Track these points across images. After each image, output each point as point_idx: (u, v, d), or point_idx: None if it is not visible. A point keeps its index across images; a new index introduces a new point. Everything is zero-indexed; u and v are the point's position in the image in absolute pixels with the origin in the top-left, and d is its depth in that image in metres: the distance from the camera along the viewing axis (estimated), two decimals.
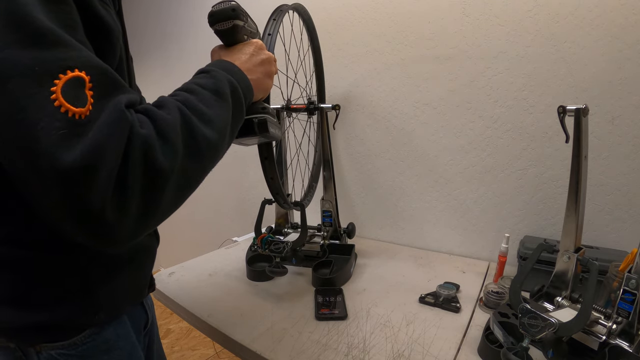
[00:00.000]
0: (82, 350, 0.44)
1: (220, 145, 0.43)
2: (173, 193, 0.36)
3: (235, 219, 1.91)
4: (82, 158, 0.28)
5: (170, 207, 0.37)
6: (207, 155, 0.40)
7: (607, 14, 0.83)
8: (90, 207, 0.29)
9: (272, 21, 0.78)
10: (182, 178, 0.37)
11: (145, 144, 0.32)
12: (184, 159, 0.36)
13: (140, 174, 0.31)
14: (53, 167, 0.27)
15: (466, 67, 1.04)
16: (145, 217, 0.34)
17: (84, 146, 0.28)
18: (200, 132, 0.38)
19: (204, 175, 0.42)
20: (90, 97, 0.30)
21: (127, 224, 0.32)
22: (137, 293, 0.53)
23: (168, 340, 1.89)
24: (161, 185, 0.34)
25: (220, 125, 0.41)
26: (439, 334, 0.70)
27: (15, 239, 0.39)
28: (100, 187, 0.29)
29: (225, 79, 0.45)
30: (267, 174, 0.75)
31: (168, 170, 0.34)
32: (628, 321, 0.55)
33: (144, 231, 0.35)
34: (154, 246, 0.56)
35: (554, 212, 0.97)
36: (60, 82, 0.28)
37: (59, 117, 0.28)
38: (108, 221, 0.30)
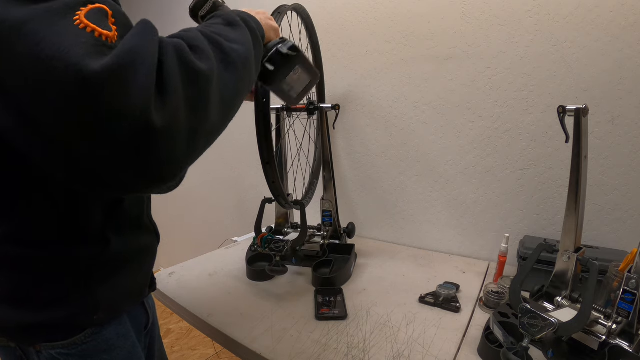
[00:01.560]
0: (82, 349, 0.44)
1: (250, 59, 0.41)
2: (218, 102, 0.35)
3: (235, 219, 1.91)
4: (116, 60, 0.26)
5: (219, 121, 0.36)
6: (240, 66, 0.39)
7: (607, 14, 0.83)
8: (133, 111, 0.26)
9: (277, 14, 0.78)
10: (223, 87, 0.36)
11: (177, 49, 0.31)
12: (219, 67, 0.35)
13: (179, 75, 0.30)
14: (81, 74, 0.25)
15: (466, 67, 1.04)
16: (196, 126, 0.32)
17: (116, 52, 0.26)
18: (227, 45, 0.38)
19: (243, 90, 0.41)
20: (115, 30, 0.29)
21: (179, 133, 0.29)
22: (138, 292, 0.53)
23: (168, 340, 1.89)
24: (204, 87, 0.32)
25: (243, 42, 0.41)
26: (439, 334, 0.70)
27: (15, 238, 0.39)
28: (141, 85, 0.26)
29: (232, 13, 0.45)
30: (268, 178, 0.76)
31: (207, 71, 0.33)
32: (628, 321, 0.55)
33: (197, 147, 0.33)
34: (155, 245, 0.56)
35: (554, 212, 0.97)
36: (83, 12, 0.27)
37: (85, 35, 0.26)
38: (156, 125, 0.27)
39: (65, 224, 0.41)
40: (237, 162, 1.76)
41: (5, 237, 0.39)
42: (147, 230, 0.54)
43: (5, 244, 0.39)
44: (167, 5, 1.98)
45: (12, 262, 0.40)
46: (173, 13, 1.95)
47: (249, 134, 1.55)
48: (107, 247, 0.44)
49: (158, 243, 0.57)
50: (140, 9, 2.18)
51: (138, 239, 0.50)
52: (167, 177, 0.31)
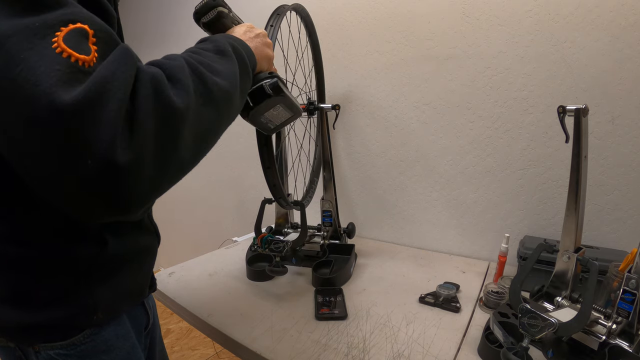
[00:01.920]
0: (81, 350, 0.43)
1: (233, 95, 0.41)
2: (191, 139, 0.34)
3: (235, 219, 1.91)
4: (86, 93, 0.26)
5: (189, 157, 0.35)
6: (221, 102, 0.38)
7: (607, 14, 0.83)
8: (98, 147, 0.26)
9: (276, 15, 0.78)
10: (199, 123, 0.34)
11: (154, 81, 0.30)
12: (197, 102, 0.34)
13: (151, 110, 0.29)
14: (51, 105, 0.25)
15: (466, 67, 1.04)
16: (162, 161, 0.31)
17: (88, 83, 0.26)
18: (210, 79, 0.36)
19: (221, 126, 0.40)
20: (94, 52, 0.28)
21: (143, 171, 0.29)
22: (137, 293, 0.53)
23: (168, 340, 1.89)
24: (176, 125, 0.31)
25: (228, 75, 0.40)
26: (439, 334, 0.70)
27: (14, 238, 0.39)
28: (108, 120, 0.26)
29: (224, 40, 0.44)
30: (269, 181, 0.76)
31: (182, 108, 0.31)
32: (628, 321, 0.55)
33: (162, 183, 0.32)
34: (155, 246, 0.56)
35: (554, 212, 0.97)
36: (62, 33, 0.27)
37: (61, 61, 0.26)
38: (119, 163, 0.26)
39: (63, 224, 0.41)
40: (237, 162, 1.76)
41: (4, 237, 0.39)
42: (148, 231, 0.53)
43: (4, 244, 0.39)
44: (166, 5, 1.98)
45: (11, 262, 0.39)
46: (172, 12, 1.95)
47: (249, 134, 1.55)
48: (106, 247, 0.44)
49: (158, 244, 0.57)
50: (140, 9, 2.17)
51: (138, 239, 0.50)
52: (131, 212, 0.31)
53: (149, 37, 2.16)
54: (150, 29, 2.15)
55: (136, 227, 0.50)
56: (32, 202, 0.38)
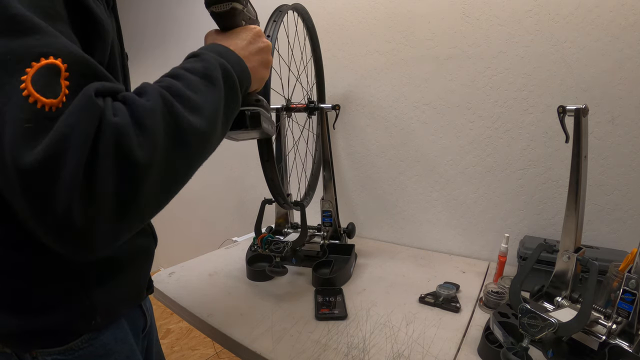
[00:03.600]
0: (80, 355, 0.43)
1: (210, 135, 0.38)
2: (155, 189, 0.32)
3: (235, 219, 1.91)
4: (44, 155, 0.26)
5: (153, 205, 0.34)
6: (195, 146, 0.36)
7: (607, 14, 0.83)
8: (56, 208, 0.26)
9: (273, 22, 0.78)
10: (165, 172, 0.33)
11: (117, 134, 0.28)
12: (167, 150, 0.32)
13: (111, 168, 0.28)
14: (15, 164, 0.25)
15: (466, 67, 1.04)
16: (123, 217, 0.30)
17: (47, 141, 0.26)
18: (185, 120, 0.34)
19: (191, 169, 0.38)
20: (65, 88, 0.28)
21: (101, 227, 0.29)
22: (135, 296, 0.52)
23: (168, 340, 1.89)
24: (138, 180, 0.30)
25: (209, 113, 0.37)
26: (439, 334, 0.70)
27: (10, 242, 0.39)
28: (65, 185, 0.26)
29: (216, 62, 0.40)
30: (267, 175, 0.75)
31: (145, 162, 0.30)
32: (628, 321, 0.55)
33: (123, 233, 0.32)
34: (152, 248, 0.55)
35: (554, 212, 0.97)
36: (32, 70, 0.26)
37: (27, 108, 0.26)
38: (76, 223, 0.27)
39: None
40: (237, 162, 1.76)
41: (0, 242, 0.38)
42: (145, 233, 0.53)
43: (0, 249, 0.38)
44: (166, 5, 1.98)
45: (7, 266, 0.39)
46: (172, 12, 1.95)
47: None
48: None
49: (155, 245, 0.56)
50: (139, 9, 2.17)
51: (135, 241, 0.50)
52: (94, 256, 0.31)
53: (149, 37, 2.16)
54: (150, 29, 2.15)
55: None
56: None
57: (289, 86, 1.02)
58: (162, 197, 0.35)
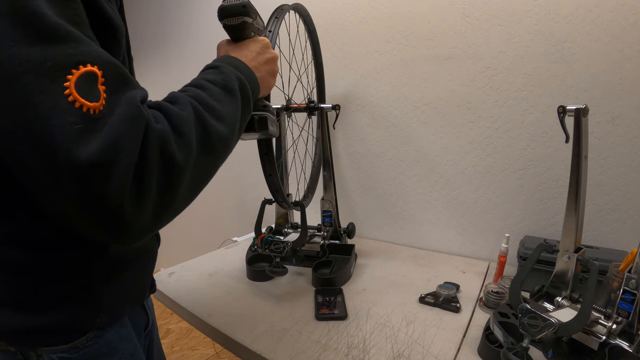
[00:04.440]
0: (84, 353, 0.43)
1: (231, 140, 0.43)
2: (187, 188, 0.36)
3: (235, 219, 1.91)
4: (100, 153, 0.28)
5: (184, 202, 0.38)
6: (219, 150, 0.41)
7: (607, 14, 0.83)
8: (108, 203, 0.29)
9: (274, 19, 0.78)
10: (196, 173, 0.37)
11: (161, 139, 0.32)
12: (198, 154, 0.36)
13: (157, 169, 0.32)
14: (69, 162, 0.27)
15: (466, 67, 1.04)
16: (160, 212, 0.34)
17: (101, 141, 0.28)
18: (213, 128, 0.39)
19: (215, 170, 0.42)
20: (103, 92, 0.30)
21: (143, 220, 0.32)
22: (139, 295, 0.53)
23: (168, 340, 1.89)
24: (177, 180, 0.34)
25: (230, 121, 0.42)
26: (439, 334, 0.70)
27: (16, 240, 0.39)
28: (119, 182, 0.29)
29: (233, 75, 0.45)
30: (266, 170, 0.75)
31: (184, 165, 0.34)
32: (628, 321, 0.55)
33: (157, 227, 0.36)
34: (155, 248, 0.55)
35: (554, 212, 0.97)
36: (74, 77, 0.28)
37: (74, 112, 0.28)
38: (125, 217, 0.30)
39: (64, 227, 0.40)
40: (237, 162, 1.76)
41: (5, 240, 0.39)
42: None
43: (5, 247, 0.39)
44: (167, 5, 1.98)
45: (11, 264, 0.39)
46: (172, 13, 1.95)
47: None
48: (108, 249, 0.44)
49: (159, 245, 0.57)
50: (141, 10, 2.18)
51: None
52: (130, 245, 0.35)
53: (149, 37, 2.16)
54: (149, 30, 2.15)
55: None
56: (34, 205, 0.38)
57: (289, 86, 1.02)
58: (191, 195, 0.39)
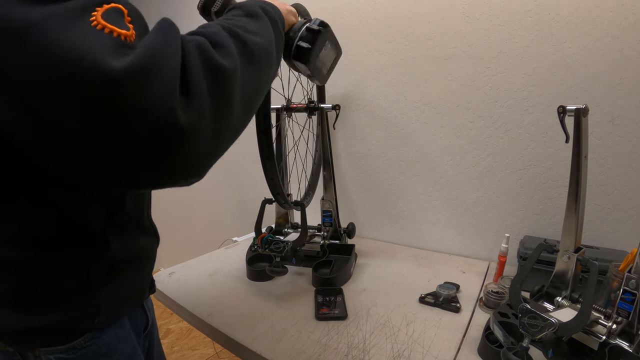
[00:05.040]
0: (82, 354, 0.43)
1: (271, 52, 0.42)
2: (241, 98, 0.35)
3: (235, 219, 1.91)
4: (139, 60, 0.25)
5: (241, 118, 0.36)
6: (262, 59, 0.39)
7: (607, 14, 0.83)
8: (156, 110, 0.26)
9: None
10: (246, 83, 0.36)
11: (199, 47, 0.31)
12: (242, 63, 0.35)
13: (203, 74, 0.30)
14: (103, 74, 0.24)
15: (466, 67, 1.04)
16: (220, 125, 0.32)
17: (138, 51, 0.26)
18: (249, 39, 0.37)
19: (264, 84, 0.41)
20: (132, 29, 0.28)
21: (203, 133, 0.29)
22: (138, 295, 0.53)
23: (168, 340, 1.89)
24: (228, 85, 0.32)
25: (264, 34, 0.41)
26: (439, 334, 0.70)
27: (15, 240, 0.39)
28: (164, 85, 0.26)
29: (253, 4, 0.45)
30: (267, 173, 0.75)
31: (230, 69, 0.32)
32: (628, 321, 0.55)
33: (220, 146, 0.33)
34: (154, 247, 0.55)
35: (554, 212, 0.97)
36: (101, 10, 0.27)
37: (104, 35, 0.26)
38: (181, 125, 0.27)
39: (64, 226, 0.40)
40: (237, 162, 1.76)
41: (4, 240, 0.38)
42: (147, 232, 0.53)
43: (4, 246, 0.38)
44: (166, 5, 1.98)
45: (10, 264, 0.39)
46: (173, 7, 1.95)
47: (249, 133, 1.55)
48: (107, 249, 0.43)
49: (158, 245, 0.57)
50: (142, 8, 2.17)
51: (138, 240, 0.50)
52: (190, 176, 0.31)
53: None
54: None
55: (136, 228, 0.50)
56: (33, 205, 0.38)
57: (289, 86, 1.02)
58: (246, 109, 0.37)
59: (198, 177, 0.32)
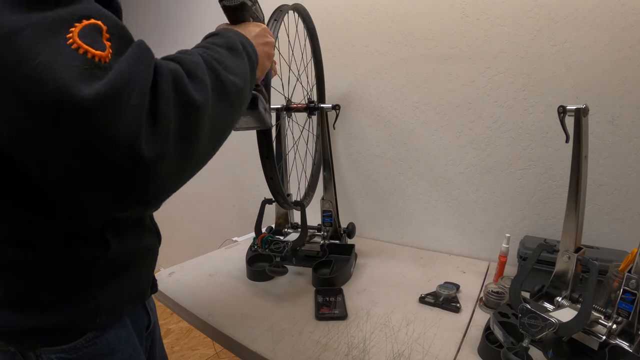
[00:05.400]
0: (84, 353, 0.43)
1: (245, 92, 0.42)
2: (209, 134, 0.34)
3: (235, 219, 1.91)
4: (108, 87, 0.25)
5: (207, 151, 0.36)
6: (235, 98, 0.39)
7: (607, 14, 0.83)
8: (122, 139, 0.26)
9: (273, 21, 0.78)
10: (215, 118, 0.35)
11: (174, 76, 0.31)
12: (214, 98, 0.35)
13: (173, 104, 0.30)
14: (72, 99, 0.24)
15: (466, 67, 1.04)
16: (184, 157, 0.31)
17: (108, 77, 0.26)
18: (224, 76, 0.38)
19: (234, 119, 0.42)
20: (109, 48, 0.28)
21: (166, 164, 0.29)
22: (140, 295, 0.52)
23: (168, 340, 1.88)
24: (197, 120, 0.32)
25: (240, 72, 0.41)
26: (439, 334, 0.70)
27: (15, 240, 0.39)
28: (131, 113, 0.26)
29: (235, 37, 0.45)
30: (267, 173, 0.75)
31: (201, 104, 0.32)
32: (628, 321, 0.55)
33: (182, 177, 0.33)
34: (156, 246, 0.55)
35: (554, 212, 0.97)
36: (77, 28, 0.26)
37: (78, 57, 0.25)
38: (144, 156, 0.27)
39: (65, 226, 0.40)
40: (237, 163, 1.76)
41: (4, 240, 0.38)
42: (149, 231, 0.53)
43: (4, 246, 0.38)
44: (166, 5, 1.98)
45: (11, 264, 0.39)
46: (172, 13, 1.95)
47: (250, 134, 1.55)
48: (108, 249, 0.43)
49: (159, 244, 0.57)
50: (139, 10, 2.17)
51: (140, 240, 0.50)
52: (149, 204, 0.31)
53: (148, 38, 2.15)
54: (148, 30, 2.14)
55: (138, 227, 0.50)
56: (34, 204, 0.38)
57: (289, 86, 1.02)
58: (213, 143, 0.37)
59: (156, 205, 0.32)
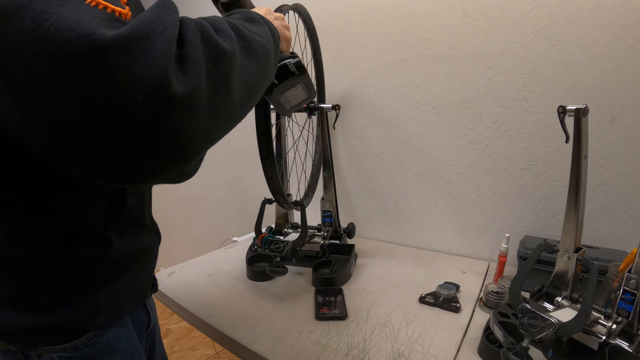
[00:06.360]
0: (84, 352, 0.43)
1: (270, 53, 0.41)
2: (239, 84, 0.34)
3: (235, 219, 1.91)
4: (132, 29, 0.24)
5: (239, 105, 0.35)
6: (261, 56, 0.38)
7: (607, 14, 0.83)
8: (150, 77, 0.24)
9: None
10: (245, 71, 0.35)
11: (199, 25, 0.30)
12: (241, 52, 0.34)
13: (201, 50, 0.29)
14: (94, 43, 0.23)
15: (466, 67, 1.04)
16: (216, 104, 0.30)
17: (132, 23, 0.25)
18: (249, 35, 0.37)
19: (263, 79, 0.40)
20: (128, 9, 0.27)
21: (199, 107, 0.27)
22: (140, 294, 0.52)
23: (168, 340, 1.88)
24: (227, 67, 0.31)
25: (264, 36, 0.41)
26: (439, 334, 0.70)
27: (16, 239, 0.39)
28: (158, 53, 0.25)
29: (250, 12, 0.45)
30: (267, 173, 0.75)
31: (230, 52, 0.31)
32: (628, 321, 0.55)
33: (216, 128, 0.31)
34: (156, 246, 0.55)
35: (554, 212, 0.97)
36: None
37: (97, 11, 0.25)
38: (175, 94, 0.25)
39: (66, 225, 0.40)
40: (237, 162, 1.76)
41: (5, 239, 0.38)
42: (149, 231, 0.53)
43: (5, 246, 0.38)
44: None
45: (12, 264, 0.39)
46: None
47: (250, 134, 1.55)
48: (109, 248, 0.43)
49: (159, 243, 0.57)
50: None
51: (140, 239, 0.50)
52: (185, 155, 0.29)
53: None
54: None
55: (138, 226, 0.50)
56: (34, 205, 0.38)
57: None
58: (244, 98, 0.36)
59: (192, 159, 0.30)
